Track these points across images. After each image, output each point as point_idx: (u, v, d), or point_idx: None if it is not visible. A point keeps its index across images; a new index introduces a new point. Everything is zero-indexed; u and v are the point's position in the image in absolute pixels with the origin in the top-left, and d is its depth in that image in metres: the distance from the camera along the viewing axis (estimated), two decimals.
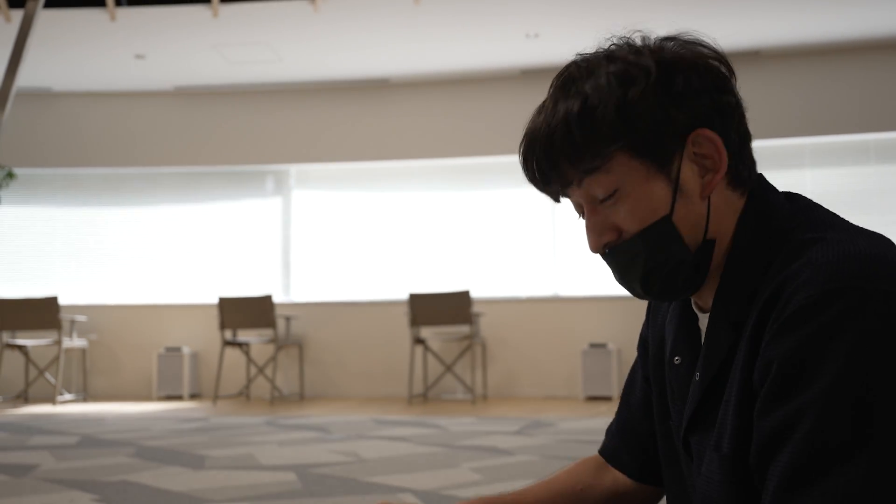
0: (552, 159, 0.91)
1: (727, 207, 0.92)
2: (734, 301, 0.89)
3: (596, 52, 0.94)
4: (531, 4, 6.52)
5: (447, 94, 8.13)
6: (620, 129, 0.87)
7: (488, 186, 8.13)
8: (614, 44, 0.94)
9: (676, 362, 0.99)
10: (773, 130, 7.34)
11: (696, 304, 0.99)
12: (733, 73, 0.93)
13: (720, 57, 0.93)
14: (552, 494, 1.14)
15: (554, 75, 0.96)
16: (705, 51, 0.92)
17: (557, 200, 1.00)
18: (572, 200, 0.97)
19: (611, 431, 1.21)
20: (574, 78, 0.92)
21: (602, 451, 1.20)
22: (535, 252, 7.95)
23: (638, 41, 0.93)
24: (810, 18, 6.84)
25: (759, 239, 0.89)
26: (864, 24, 6.95)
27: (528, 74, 7.81)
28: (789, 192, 0.96)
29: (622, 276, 0.95)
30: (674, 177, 0.89)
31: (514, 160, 6.61)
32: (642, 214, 0.89)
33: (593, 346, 7.20)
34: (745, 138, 0.94)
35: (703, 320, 0.97)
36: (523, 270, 7.94)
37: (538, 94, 1.01)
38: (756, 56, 7.44)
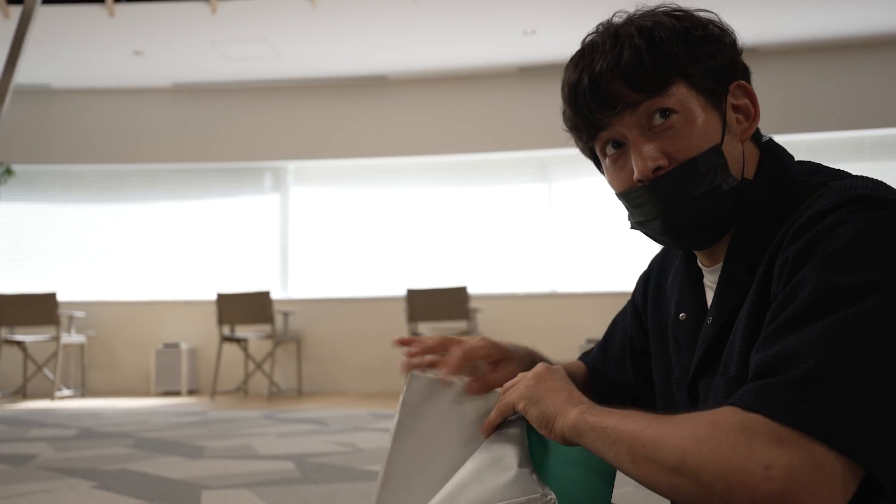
0: (617, 80, 0.93)
1: (751, 158, 0.98)
2: (751, 245, 0.93)
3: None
4: (528, 1, 6.54)
5: (445, 91, 8.15)
6: (686, 60, 0.93)
7: (486, 183, 8.16)
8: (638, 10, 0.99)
9: (682, 318, 1.03)
10: (770, 127, 7.28)
11: (701, 262, 1.03)
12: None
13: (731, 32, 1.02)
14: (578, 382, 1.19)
15: (551, 73, 1.02)
16: (723, 23, 1.01)
17: (591, 139, 0.99)
18: (613, 134, 0.96)
19: (589, 366, 1.25)
20: (621, 26, 0.96)
21: (589, 369, 1.25)
22: (532, 248, 7.98)
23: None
24: (807, 16, 6.88)
25: (775, 188, 0.94)
26: (860, 21, 6.99)
27: (525, 71, 7.83)
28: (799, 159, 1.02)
29: (668, 204, 0.94)
30: (723, 113, 0.96)
31: (512, 157, 6.65)
32: (697, 141, 0.93)
33: (590, 341, 7.21)
34: None
35: (709, 276, 1.01)
36: (520, 266, 7.97)
37: (535, 91, 1.05)
38: (753, 53, 7.47)
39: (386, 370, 7.72)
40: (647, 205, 0.95)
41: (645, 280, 1.19)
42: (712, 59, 0.95)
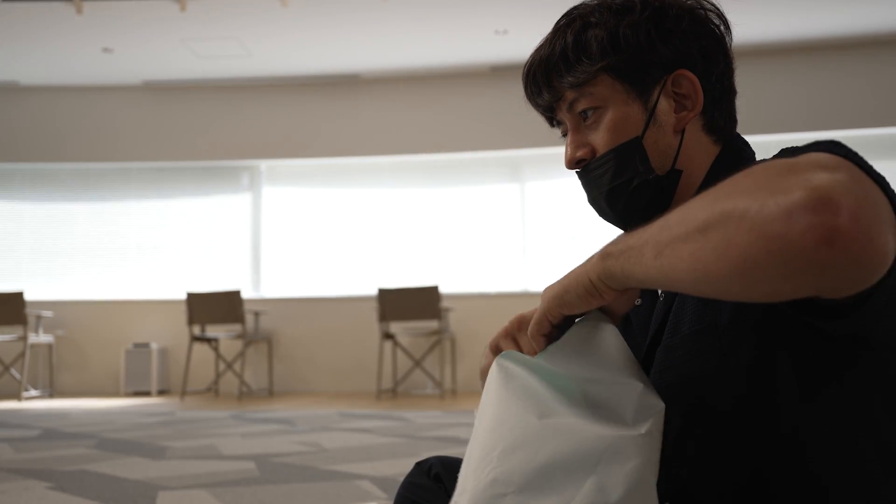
0: (547, 72, 1.00)
1: (700, 148, 0.99)
2: None
3: None
4: (500, 1, 6.55)
5: (417, 91, 8.14)
6: (608, 52, 0.95)
7: (458, 182, 8.15)
8: None
9: (637, 303, 1.04)
10: (743, 128, 7.40)
11: None
12: (730, 32, 1.00)
13: (721, 15, 1.00)
14: None
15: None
16: (707, 4, 1.00)
17: (551, 123, 1.06)
18: (561, 119, 1.02)
19: None
20: (579, 14, 1.01)
21: None
22: (505, 247, 7.98)
23: None
24: (777, 18, 6.94)
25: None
26: (832, 23, 7.06)
27: (497, 71, 7.85)
28: None
29: (590, 192, 1.00)
30: (650, 106, 0.96)
31: (484, 156, 6.69)
32: (616, 134, 0.96)
33: None
34: (728, 91, 1.01)
35: None
36: (492, 266, 7.97)
37: (508, 91, 1.11)
38: None
39: (357, 369, 7.70)
40: (584, 188, 1.02)
41: None
42: (639, 48, 0.95)
